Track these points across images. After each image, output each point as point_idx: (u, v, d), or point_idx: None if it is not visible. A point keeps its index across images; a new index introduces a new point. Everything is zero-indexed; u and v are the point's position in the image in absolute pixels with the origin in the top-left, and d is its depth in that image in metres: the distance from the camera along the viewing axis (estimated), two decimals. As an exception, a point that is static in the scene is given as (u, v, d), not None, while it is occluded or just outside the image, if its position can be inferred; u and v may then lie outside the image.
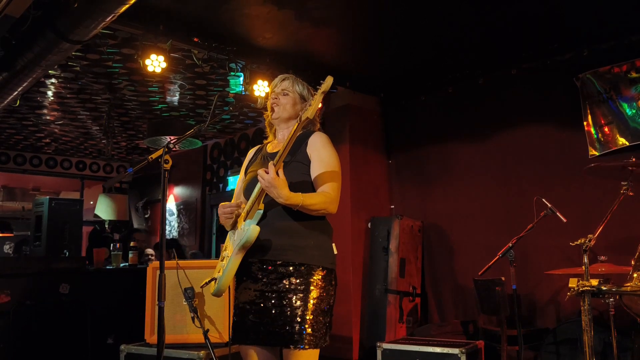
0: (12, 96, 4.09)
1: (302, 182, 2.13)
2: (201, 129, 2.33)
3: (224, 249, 2.25)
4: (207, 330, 3.15)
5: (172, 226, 7.79)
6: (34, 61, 3.53)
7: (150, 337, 3.39)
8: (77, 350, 4.23)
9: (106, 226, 8.10)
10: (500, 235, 4.12)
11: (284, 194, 1.97)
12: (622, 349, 3.21)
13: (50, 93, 5.25)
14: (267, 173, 1.97)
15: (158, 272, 2.17)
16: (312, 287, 2.08)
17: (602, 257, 3.24)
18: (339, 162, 2.22)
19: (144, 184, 8.47)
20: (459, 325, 4.52)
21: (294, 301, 2.06)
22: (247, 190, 2.23)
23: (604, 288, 2.52)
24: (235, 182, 6.90)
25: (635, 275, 2.69)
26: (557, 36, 4.09)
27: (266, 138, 2.50)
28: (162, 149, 2.10)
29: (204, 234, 7.29)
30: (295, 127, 2.04)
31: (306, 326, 2.03)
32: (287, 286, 2.08)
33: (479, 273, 3.51)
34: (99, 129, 6.61)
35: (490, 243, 4.28)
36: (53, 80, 4.86)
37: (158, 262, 2.20)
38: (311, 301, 2.06)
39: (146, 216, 8.41)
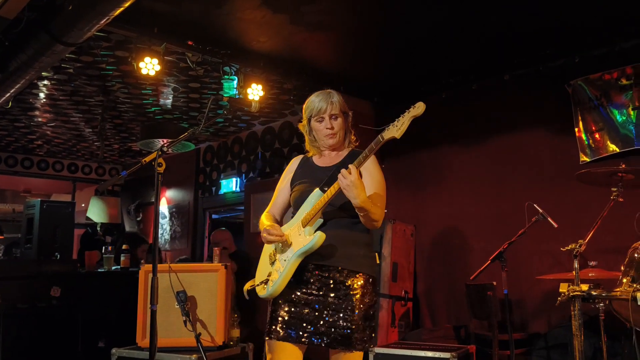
0: (4, 98, 4.07)
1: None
2: (195, 132, 2.34)
3: (270, 253, 2.34)
4: (199, 334, 3.15)
5: (164, 229, 7.76)
6: (27, 63, 3.52)
7: (142, 340, 3.38)
8: (68, 354, 4.21)
9: (98, 229, 8.06)
10: (492, 240, 4.15)
11: (362, 196, 2.10)
12: (611, 353, 3.23)
13: (42, 95, 5.23)
14: (350, 174, 2.09)
15: (150, 275, 2.17)
16: (361, 294, 2.22)
17: (592, 263, 3.27)
18: (384, 183, 2.36)
19: (136, 187, 8.43)
20: (450, 329, 4.53)
21: (344, 306, 2.18)
22: (299, 200, 2.32)
23: (594, 293, 2.54)
24: (228, 186, 6.92)
25: (624, 280, 2.72)
26: (550, 43, 4.13)
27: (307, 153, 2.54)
28: (155, 152, 2.11)
29: (196, 238, 7.27)
30: (379, 144, 2.19)
31: (356, 331, 2.17)
32: (340, 292, 2.21)
33: (471, 277, 3.53)
34: (91, 131, 6.59)
35: (482, 248, 4.31)
36: (46, 82, 4.85)
37: (150, 265, 2.20)
38: (361, 307, 2.20)
39: (138, 219, 8.38)
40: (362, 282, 2.23)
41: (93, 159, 8.23)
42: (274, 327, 2.25)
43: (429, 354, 3.59)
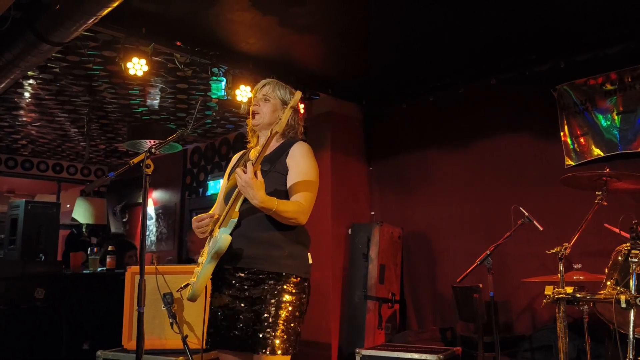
0: (-12, 97, 4.03)
1: (278, 191, 2.14)
2: (184, 134, 2.32)
3: (201, 254, 2.25)
4: (186, 336, 3.13)
5: (150, 231, 7.70)
6: (13, 62, 3.49)
7: (128, 342, 3.35)
8: (51, 356, 4.16)
9: (83, 230, 7.98)
10: (478, 242, 4.17)
11: (259, 196, 1.96)
12: (595, 355, 3.27)
13: (27, 94, 5.17)
14: (245, 173, 1.97)
15: (137, 277, 2.15)
16: (284, 295, 2.08)
17: (577, 265, 3.31)
18: (317, 173, 2.21)
19: (122, 188, 8.37)
20: (437, 331, 4.55)
21: (266, 308, 2.07)
22: (228, 196, 2.23)
23: (578, 295, 2.56)
24: (216, 187, 6.90)
25: (608, 283, 2.75)
26: (536, 48, 4.17)
27: (248, 143, 2.50)
28: (143, 154, 2.09)
29: (182, 239, 7.22)
30: (267, 137, 2.05)
31: (277, 333, 2.03)
32: (260, 293, 2.09)
33: (457, 280, 3.55)
34: (77, 132, 6.52)
35: (469, 250, 4.33)
36: (31, 81, 4.79)
37: (137, 266, 2.19)
38: (283, 308, 2.07)
39: (124, 220, 8.31)
40: (284, 283, 2.09)
41: (78, 159, 8.14)
42: (210, 335, 2.17)
43: (415, 355, 3.61)
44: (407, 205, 5.16)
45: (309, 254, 2.22)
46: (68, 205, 8.48)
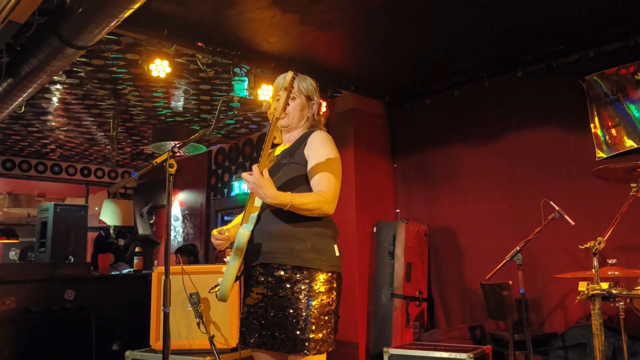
0: (17, 102, 4.09)
1: (296, 182, 2.10)
2: (206, 134, 2.31)
3: (228, 253, 2.23)
4: (213, 336, 3.13)
5: (177, 232, 7.78)
6: (39, 67, 3.54)
7: (156, 343, 3.38)
8: (82, 357, 4.22)
9: (111, 232, 8.10)
10: (507, 238, 4.09)
11: (270, 194, 1.92)
12: (632, 353, 3.17)
13: (55, 99, 5.26)
14: (252, 175, 1.94)
15: (163, 277, 2.15)
16: (312, 292, 2.02)
17: (612, 260, 3.20)
18: (338, 161, 2.15)
19: (149, 190, 8.47)
20: (466, 330, 4.48)
21: (295, 307, 2.02)
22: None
23: (614, 291, 2.48)
24: (240, 187, 6.91)
25: (645, 278, 2.66)
26: (563, 38, 4.07)
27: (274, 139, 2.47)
28: (166, 153, 2.09)
29: (208, 240, 7.26)
30: (272, 126, 2.04)
31: (308, 333, 1.98)
32: (287, 291, 2.04)
33: (486, 277, 3.48)
34: (103, 135, 6.62)
35: (497, 247, 4.25)
36: (58, 86, 4.87)
37: (163, 267, 2.19)
38: (312, 306, 2.01)
39: (151, 222, 8.41)
40: (312, 281, 2.03)
41: (106, 162, 8.27)
42: (242, 334, 2.15)
43: (445, 354, 3.55)
44: (433, 202, 5.09)
45: (335, 246, 2.15)
46: (97, 208, 8.63)
